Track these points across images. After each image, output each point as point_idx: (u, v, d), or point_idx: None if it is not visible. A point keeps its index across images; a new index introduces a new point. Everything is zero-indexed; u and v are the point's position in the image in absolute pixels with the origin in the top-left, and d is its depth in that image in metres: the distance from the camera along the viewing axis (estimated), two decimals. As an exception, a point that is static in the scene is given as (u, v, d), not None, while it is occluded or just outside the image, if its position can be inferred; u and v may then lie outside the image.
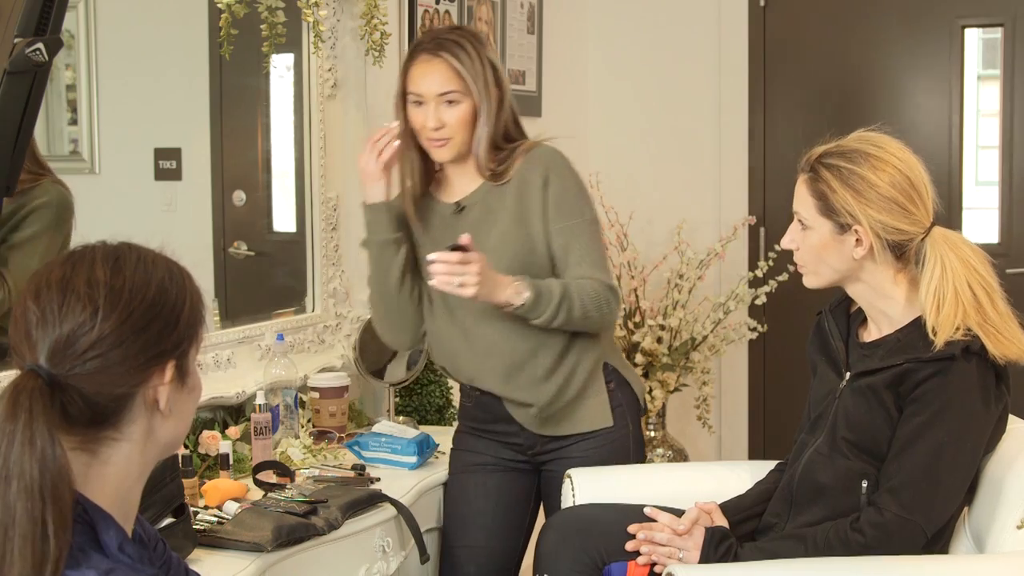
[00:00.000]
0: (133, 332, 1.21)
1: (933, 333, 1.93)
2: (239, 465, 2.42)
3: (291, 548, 2.02)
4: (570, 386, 2.38)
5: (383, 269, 2.41)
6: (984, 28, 4.21)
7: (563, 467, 2.40)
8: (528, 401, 2.38)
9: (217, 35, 2.60)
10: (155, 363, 1.24)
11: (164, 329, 1.24)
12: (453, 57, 2.29)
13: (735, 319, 4.07)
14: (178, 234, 2.79)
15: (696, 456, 4.30)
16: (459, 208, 2.39)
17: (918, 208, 1.99)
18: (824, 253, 2.04)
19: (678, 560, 2.04)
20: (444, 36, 2.33)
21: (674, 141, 4.42)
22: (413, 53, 2.35)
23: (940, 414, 1.92)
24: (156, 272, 1.25)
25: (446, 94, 2.29)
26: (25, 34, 1.72)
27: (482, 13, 3.74)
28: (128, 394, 1.23)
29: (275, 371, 2.64)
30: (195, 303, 1.29)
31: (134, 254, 1.26)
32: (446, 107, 2.30)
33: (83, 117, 2.57)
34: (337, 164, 3.04)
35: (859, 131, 2.06)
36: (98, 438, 1.24)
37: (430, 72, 2.30)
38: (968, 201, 4.19)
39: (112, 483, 1.25)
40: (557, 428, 2.41)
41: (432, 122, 2.30)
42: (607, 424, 2.41)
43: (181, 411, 1.30)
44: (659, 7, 4.44)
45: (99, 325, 1.20)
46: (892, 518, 1.91)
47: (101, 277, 1.22)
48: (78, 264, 1.23)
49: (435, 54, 2.30)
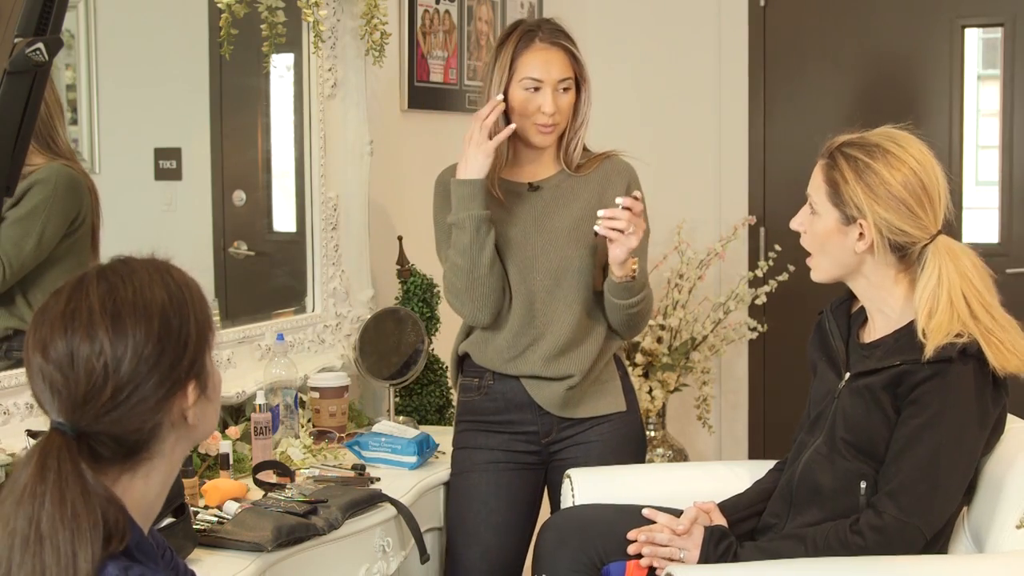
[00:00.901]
0: (147, 371, 1.22)
1: (923, 337, 1.93)
2: (239, 465, 2.42)
3: (291, 548, 2.02)
4: (598, 365, 2.48)
5: (479, 244, 2.41)
6: (984, 28, 4.21)
7: (579, 452, 2.46)
8: (569, 372, 2.44)
9: (217, 35, 2.60)
10: (176, 390, 1.25)
11: (177, 358, 1.24)
12: (572, 46, 2.43)
13: (735, 319, 4.07)
14: (178, 234, 2.81)
15: (696, 456, 4.30)
16: (533, 187, 2.48)
17: (927, 213, 1.98)
18: (827, 241, 2.04)
19: (679, 560, 2.04)
20: (554, 26, 2.45)
21: (674, 141, 4.42)
22: (527, 40, 2.42)
23: (938, 416, 1.91)
24: (155, 301, 1.24)
25: (564, 81, 2.41)
26: (25, 34, 1.72)
27: (482, 13, 3.74)
28: (156, 424, 1.25)
29: (275, 371, 2.64)
30: (200, 313, 1.29)
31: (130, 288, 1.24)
32: (562, 94, 2.41)
33: (83, 117, 2.57)
34: (337, 164, 3.04)
35: (886, 126, 2.05)
36: (134, 465, 1.26)
37: (553, 59, 2.41)
38: (968, 201, 4.19)
39: (140, 489, 1.27)
40: (576, 410, 2.47)
41: (550, 107, 2.40)
42: (621, 408, 2.50)
43: (208, 414, 1.32)
44: (659, 7, 4.44)
45: (112, 377, 1.20)
46: (891, 521, 1.91)
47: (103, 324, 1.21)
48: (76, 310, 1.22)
49: (554, 42, 2.42)
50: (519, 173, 2.51)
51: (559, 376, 2.45)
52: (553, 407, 2.46)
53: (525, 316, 2.45)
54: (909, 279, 2.02)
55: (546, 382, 2.46)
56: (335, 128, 3.03)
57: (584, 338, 2.46)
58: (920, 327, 1.94)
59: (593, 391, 2.48)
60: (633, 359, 3.87)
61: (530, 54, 2.42)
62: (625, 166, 2.52)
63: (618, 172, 2.50)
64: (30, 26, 1.72)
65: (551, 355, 2.44)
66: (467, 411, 2.53)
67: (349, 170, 3.06)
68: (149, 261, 1.30)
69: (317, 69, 2.96)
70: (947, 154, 4.03)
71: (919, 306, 1.96)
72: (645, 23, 4.46)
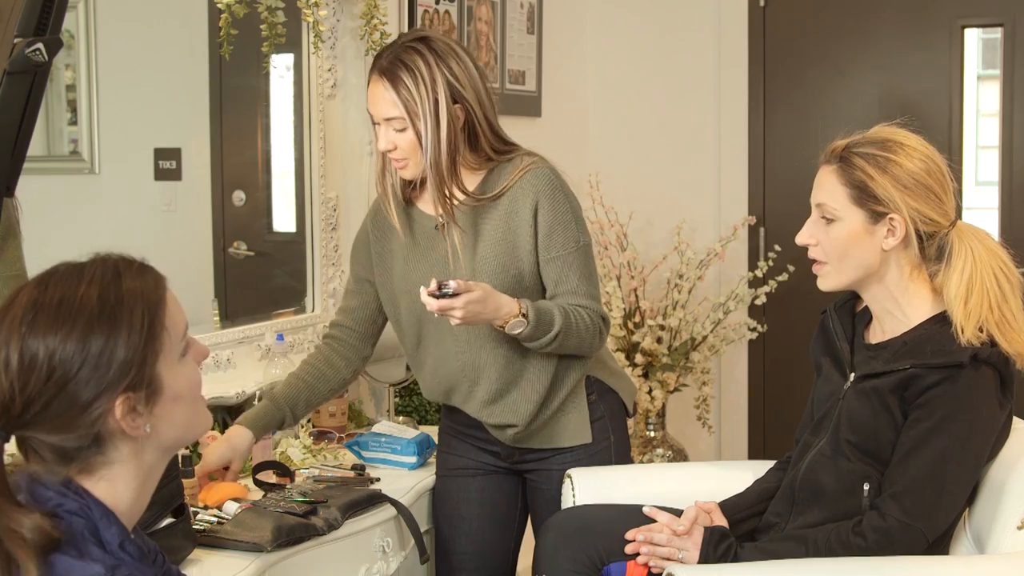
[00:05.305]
0: (62, 383, 1.20)
1: (961, 331, 1.93)
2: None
3: (291, 548, 2.02)
4: (551, 404, 2.33)
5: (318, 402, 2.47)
6: (984, 28, 4.22)
7: (542, 478, 2.39)
8: (509, 423, 2.34)
9: (217, 35, 2.60)
10: (100, 404, 1.21)
11: (98, 369, 1.20)
12: (394, 84, 2.19)
13: (735, 319, 4.07)
14: (178, 234, 2.81)
15: (696, 456, 4.30)
16: (438, 227, 2.30)
17: (948, 197, 1.99)
18: (851, 245, 2.00)
19: (678, 560, 2.04)
20: (400, 53, 2.21)
21: (674, 141, 4.42)
22: (372, 66, 2.25)
23: (946, 421, 1.91)
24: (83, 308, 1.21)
25: (391, 120, 2.21)
26: (25, 34, 1.73)
27: (482, 13, 3.74)
28: (90, 433, 1.22)
29: (275, 371, 2.64)
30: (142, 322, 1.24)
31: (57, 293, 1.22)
32: (395, 132, 2.22)
33: (83, 117, 2.57)
34: (337, 164, 3.04)
35: (879, 125, 2.05)
36: (89, 464, 1.24)
37: (376, 96, 2.22)
38: (968, 201, 4.19)
39: (115, 488, 1.26)
40: (533, 443, 2.38)
41: (383, 144, 2.24)
42: (585, 440, 2.37)
43: (165, 423, 1.27)
44: (659, 7, 4.44)
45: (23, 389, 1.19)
46: (895, 523, 1.90)
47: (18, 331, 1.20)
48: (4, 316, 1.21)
49: (382, 76, 2.21)
50: (428, 202, 2.30)
51: (501, 425, 2.34)
52: (507, 442, 2.39)
53: (452, 366, 2.33)
54: (924, 276, 2.02)
55: (491, 426, 2.37)
56: (335, 128, 3.03)
57: (519, 376, 2.30)
58: (957, 318, 1.93)
59: (551, 425, 2.35)
60: (633, 359, 3.87)
61: (369, 86, 2.25)
62: (531, 181, 2.25)
63: (522, 194, 2.25)
64: (30, 26, 1.73)
65: (489, 399, 2.32)
66: (446, 415, 2.51)
67: (349, 170, 3.06)
68: (106, 264, 1.26)
69: (317, 69, 2.96)
70: (947, 154, 4.00)
71: (954, 291, 1.95)
72: (645, 23, 4.46)
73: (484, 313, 2.13)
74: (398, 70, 2.19)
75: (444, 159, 2.20)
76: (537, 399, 2.31)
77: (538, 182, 2.25)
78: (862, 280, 2.04)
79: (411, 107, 2.18)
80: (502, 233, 2.26)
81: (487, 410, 2.34)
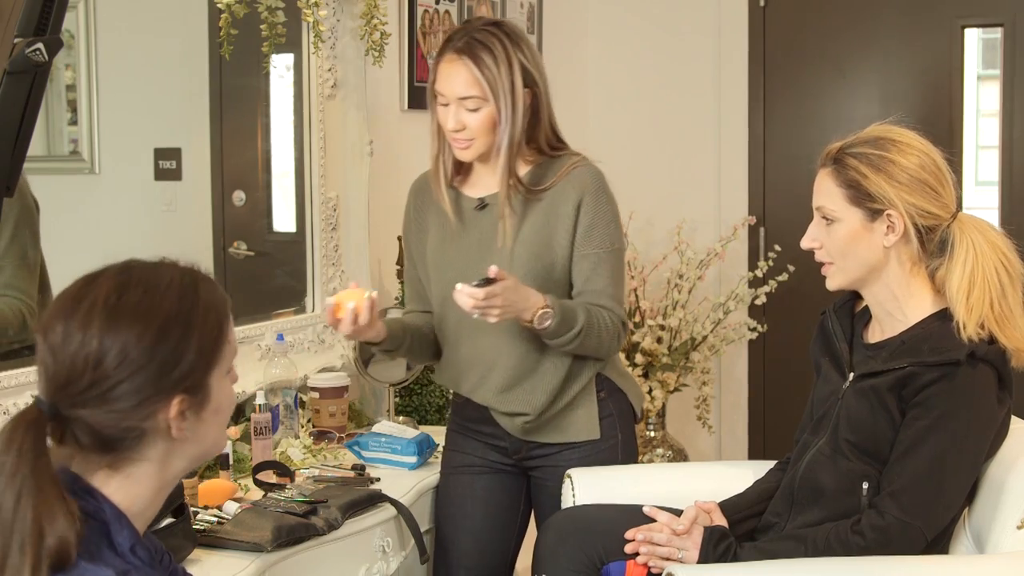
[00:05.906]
0: (130, 374, 1.23)
1: (963, 327, 1.93)
2: (239, 465, 2.42)
3: (291, 548, 2.02)
4: (563, 396, 2.35)
5: (416, 355, 2.49)
6: (984, 28, 4.22)
7: (548, 475, 2.39)
8: (522, 411, 2.35)
9: (217, 35, 2.60)
10: (159, 400, 1.25)
11: (165, 368, 1.24)
12: (475, 61, 2.23)
13: (735, 319, 4.07)
14: (178, 234, 2.81)
15: (696, 456, 4.30)
16: (481, 205, 2.35)
17: (946, 190, 1.99)
18: (852, 245, 2.01)
19: (678, 560, 2.04)
20: (475, 35, 2.25)
21: (674, 141, 4.42)
22: (443, 48, 2.28)
23: (944, 419, 1.91)
24: (161, 308, 1.25)
25: (466, 99, 2.24)
26: (25, 34, 1.73)
27: (482, 13, 3.74)
28: (137, 427, 1.25)
29: (275, 371, 2.64)
30: (209, 333, 1.28)
31: (140, 290, 1.26)
32: (467, 111, 2.25)
33: (83, 117, 2.58)
34: (337, 164, 3.03)
35: (875, 124, 2.06)
36: (118, 460, 1.26)
37: (452, 74, 2.25)
38: (968, 201, 4.18)
39: (135, 489, 1.27)
40: (542, 436, 2.39)
41: (452, 124, 2.26)
42: (593, 436, 2.38)
43: (202, 433, 1.31)
44: (659, 7, 4.44)
45: (92, 370, 1.22)
46: (893, 522, 1.91)
47: (100, 315, 1.23)
48: (83, 299, 1.24)
49: (460, 55, 2.24)
50: (472, 185, 2.38)
51: (513, 412, 2.36)
52: (516, 433, 2.40)
53: (472, 345, 2.36)
54: (924, 273, 2.02)
55: (502, 414, 2.39)
56: (335, 128, 3.03)
57: (534, 370, 2.33)
58: (960, 313, 1.94)
59: (561, 418, 2.37)
60: (633, 359, 3.87)
61: (440, 65, 2.27)
62: (579, 176, 2.31)
63: (574, 187, 2.30)
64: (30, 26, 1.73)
65: (502, 388, 2.34)
66: (455, 412, 2.52)
67: (349, 170, 3.06)
68: (183, 270, 1.30)
69: (317, 69, 2.96)
70: (947, 154, 4.02)
71: (956, 286, 1.95)
72: (645, 23, 4.46)
73: (518, 303, 2.17)
74: (478, 49, 2.23)
75: (517, 138, 2.26)
76: (551, 390, 2.33)
77: (586, 178, 2.32)
78: (866, 278, 2.05)
79: (493, 84, 2.23)
80: (541, 224, 2.31)
81: (500, 397, 2.36)
